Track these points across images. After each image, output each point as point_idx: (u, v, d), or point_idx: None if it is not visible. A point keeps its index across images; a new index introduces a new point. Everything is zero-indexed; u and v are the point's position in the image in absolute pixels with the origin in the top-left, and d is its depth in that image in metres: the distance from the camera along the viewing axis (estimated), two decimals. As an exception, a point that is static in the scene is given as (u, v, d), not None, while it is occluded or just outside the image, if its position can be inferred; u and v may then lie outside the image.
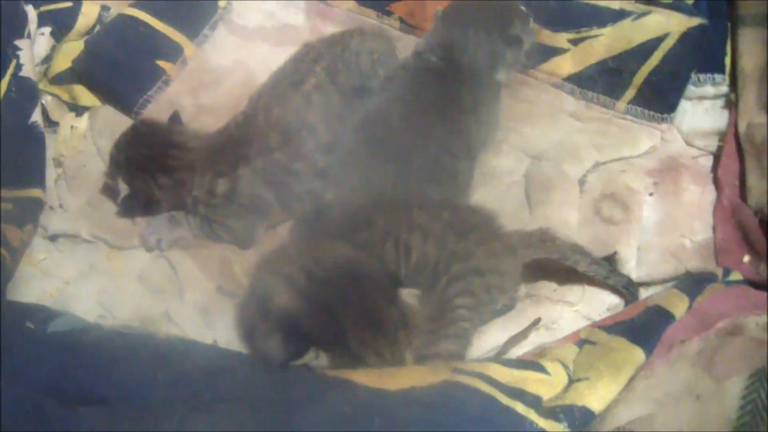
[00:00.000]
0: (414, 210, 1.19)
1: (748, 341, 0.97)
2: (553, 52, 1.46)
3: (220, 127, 1.38)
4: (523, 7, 1.39)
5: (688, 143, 1.37)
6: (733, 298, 1.10)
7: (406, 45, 1.50)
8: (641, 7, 1.44)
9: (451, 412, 0.95)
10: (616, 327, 1.11)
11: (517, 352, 1.18)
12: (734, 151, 1.30)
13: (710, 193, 1.30)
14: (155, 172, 1.33)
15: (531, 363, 1.06)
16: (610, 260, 1.24)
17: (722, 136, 1.35)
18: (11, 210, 1.29)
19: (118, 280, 1.31)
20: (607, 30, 1.43)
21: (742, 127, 1.29)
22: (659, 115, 1.38)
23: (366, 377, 0.99)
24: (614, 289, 1.23)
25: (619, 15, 1.44)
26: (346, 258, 1.13)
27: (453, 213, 1.21)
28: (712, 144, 1.36)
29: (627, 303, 1.23)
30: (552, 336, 1.20)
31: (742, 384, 0.89)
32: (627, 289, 1.22)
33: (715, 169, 1.32)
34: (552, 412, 0.96)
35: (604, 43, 1.42)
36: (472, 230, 1.19)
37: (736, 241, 1.21)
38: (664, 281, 1.24)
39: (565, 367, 1.05)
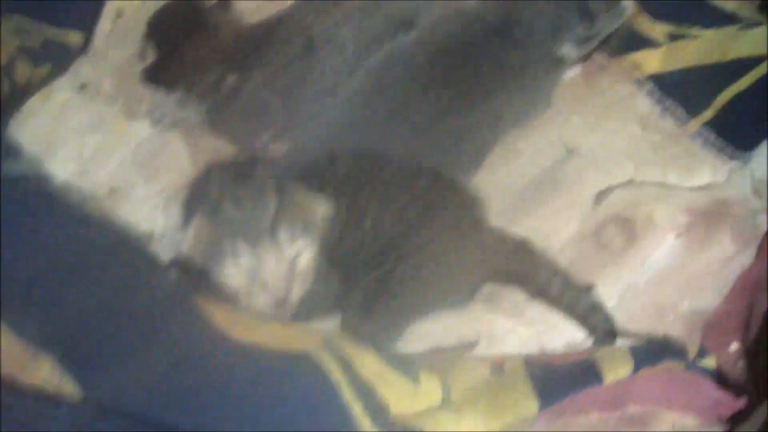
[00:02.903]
0: (384, 169, 1.06)
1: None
2: (645, 42, 1.23)
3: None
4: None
5: (756, 193, 1.13)
6: (676, 383, 0.91)
7: None
8: (756, 17, 1.19)
9: (281, 387, 0.88)
10: (537, 368, 0.96)
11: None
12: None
13: (744, 259, 1.07)
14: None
15: (409, 366, 0.94)
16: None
17: (798, 197, 1.10)
18: (36, 49, 1.29)
19: (112, 145, 1.31)
20: (708, 33, 1.19)
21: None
22: (732, 149, 1.15)
23: (221, 315, 0.94)
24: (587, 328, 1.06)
25: (727, 19, 1.20)
26: None
27: (431, 184, 1.07)
28: (783, 203, 1.11)
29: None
30: (489, 347, 1.05)
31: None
32: (604, 337, 1.03)
33: (768, 235, 1.08)
34: (389, 428, 0.86)
35: (700, 47, 1.19)
36: (444, 209, 1.06)
37: (736, 323, 0.99)
38: (634, 335, 1.04)
39: (445, 386, 0.93)
